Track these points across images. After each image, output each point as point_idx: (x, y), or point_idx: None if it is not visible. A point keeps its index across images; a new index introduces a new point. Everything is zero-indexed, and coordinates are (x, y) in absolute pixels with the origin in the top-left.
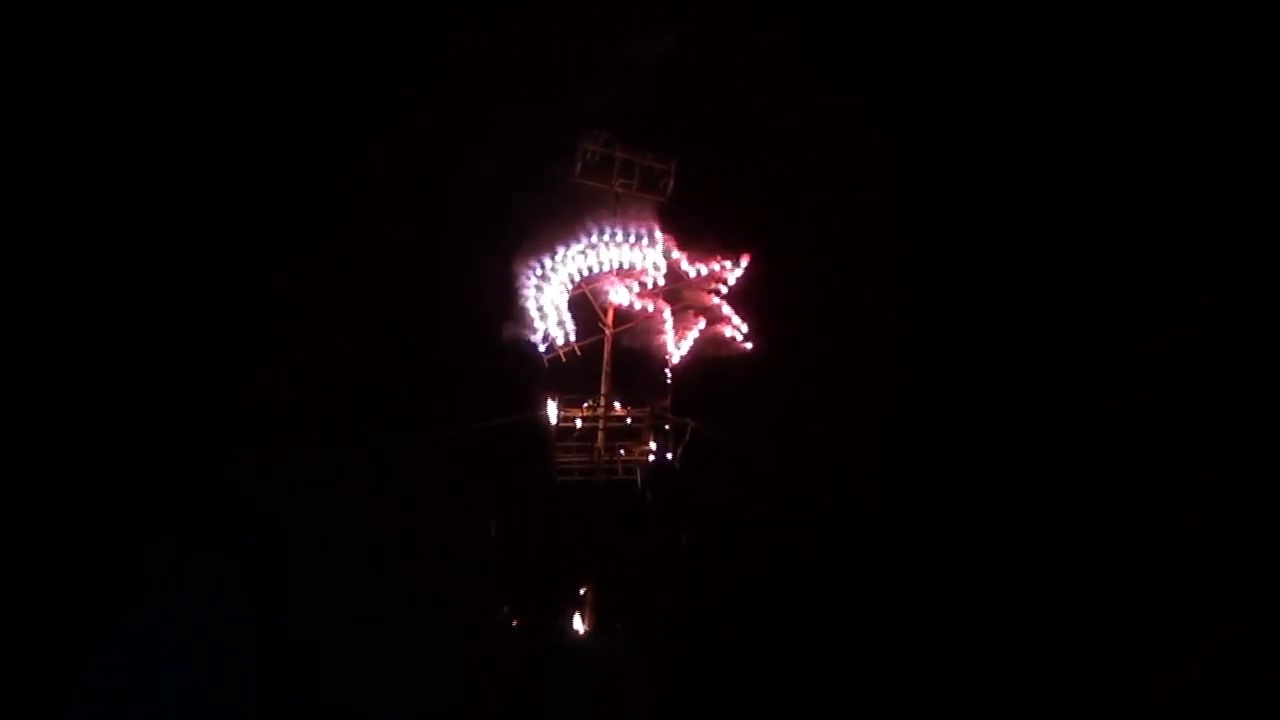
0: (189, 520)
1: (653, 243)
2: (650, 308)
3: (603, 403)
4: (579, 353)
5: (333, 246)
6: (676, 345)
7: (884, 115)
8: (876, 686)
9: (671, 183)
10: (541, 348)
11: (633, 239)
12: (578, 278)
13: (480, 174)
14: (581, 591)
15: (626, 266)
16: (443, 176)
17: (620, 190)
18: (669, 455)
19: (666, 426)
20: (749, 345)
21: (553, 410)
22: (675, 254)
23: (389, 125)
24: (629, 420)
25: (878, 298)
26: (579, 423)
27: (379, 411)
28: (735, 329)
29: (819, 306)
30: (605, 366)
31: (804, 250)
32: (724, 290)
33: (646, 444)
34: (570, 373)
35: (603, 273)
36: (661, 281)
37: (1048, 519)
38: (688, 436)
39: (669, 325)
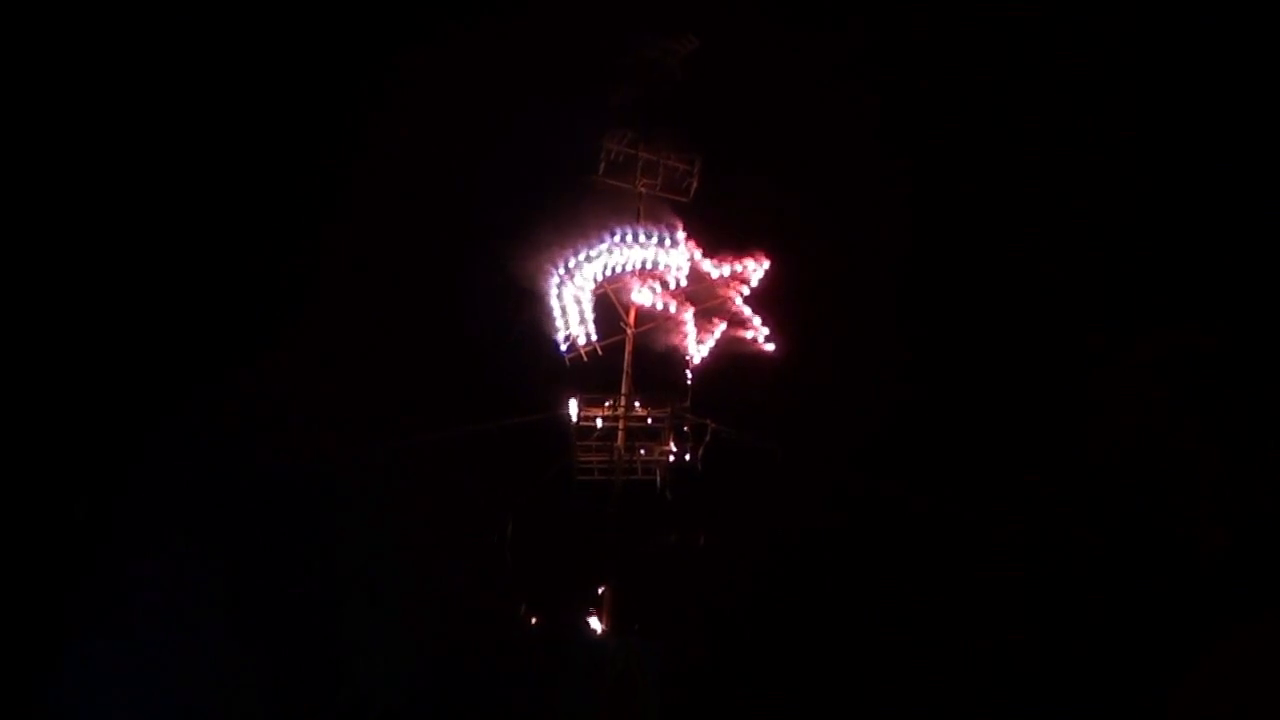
0: (189, 516)
1: (675, 243)
2: (672, 308)
3: (623, 403)
4: (600, 352)
5: (350, 243)
6: (698, 346)
7: (909, 118)
8: (891, 689)
9: (695, 183)
10: (563, 347)
11: (655, 239)
12: (600, 277)
13: (504, 173)
14: (599, 591)
15: (649, 267)
16: (466, 175)
17: (644, 190)
18: (689, 456)
19: (686, 428)
20: (770, 347)
21: (573, 409)
22: (697, 254)
23: (410, 124)
24: (649, 420)
25: (899, 301)
26: (599, 422)
27: (397, 408)
28: (757, 330)
29: (840, 309)
30: (626, 367)
31: (826, 253)
32: (746, 291)
33: (667, 444)
34: (591, 372)
35: (625, 273)
36: (683, 282)
37: (1061, 525)
38: (708, 437)
39: (690, 326)
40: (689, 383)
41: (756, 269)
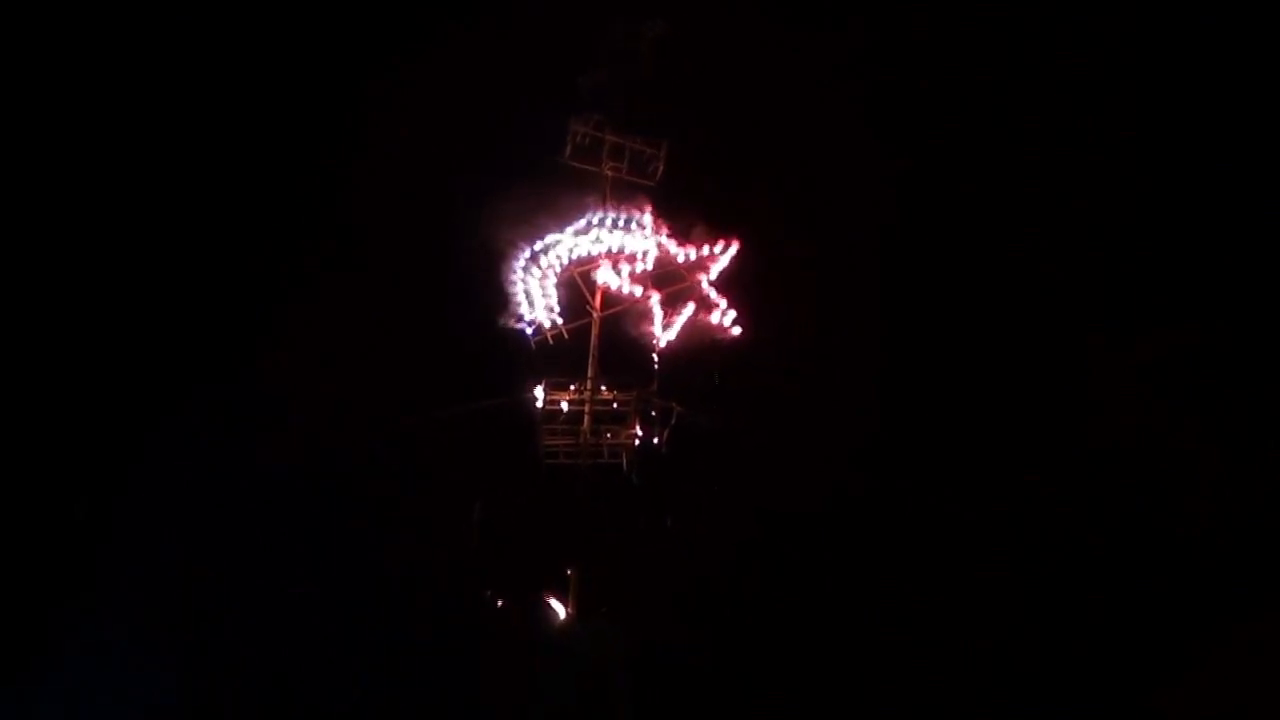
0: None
1: (642, 227)
2: (638, 292)
3: (589, 386)
4: (566, 336)
5: (316, 231)
6: (664, 330)
7: (880, 101)
8: (866, 678)
9: (661, 166)
10: (529, 331)
11: (622, 223)
12: (566, 261)
13: (469, 157)
14: (567, 574)
15: (615, 250)
16: (430, 160)
17: (610, 173)
18: (655, 439)
19: (652, 411)
20: (736, 330)
21: (539, 394)
22: (664, 238)
23: (376, 112)
24: (615, 404)
25: (868, 284)
26: (565, 406)
27: (362, 395)
28: (723, 314)
29: (808, 292)
30: (592, 351)
31: (794, 236)
32: (713, 275)
33: (633, 428)
34: (557, 356)
35: (591, 256)
36: (650, 266)
37: (1061, 525)
38: (673, 420)
39: (657, 310)
40: (655, 366)
41: (724, 252)
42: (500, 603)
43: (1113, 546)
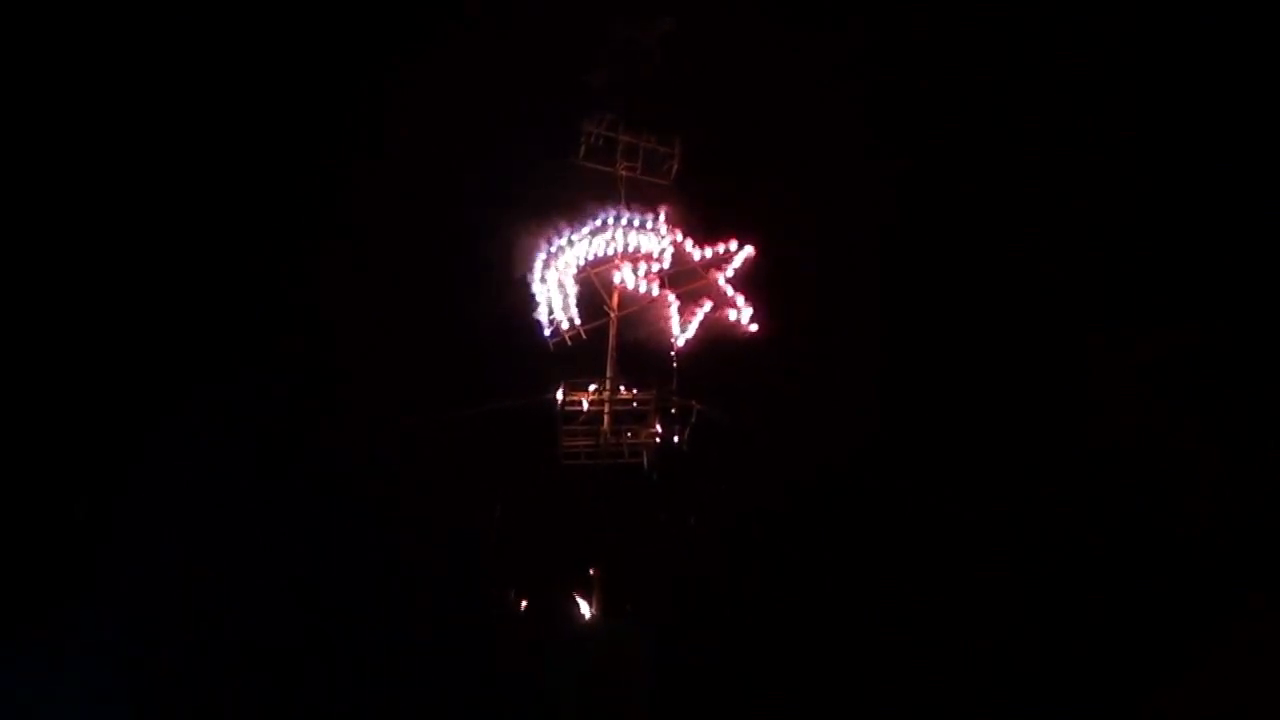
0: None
1: (657, 226)
2: (655, 291)
3: (609, 386)
4: (584, 336)
5: (322, 232)
6: (681, 328)
7: (880, 101)
8: (865, 678)
9: (676, 165)
10: (547, 331)
11: (637, 222)
12: (583, 261)
13: (484, 159)
14: (590, 573)
15: (631, 250)
16: (446, 161)
17: (625, 173)
18: (675, 438)
19: (672, 410)
20: (754, 328)
21: (559, 394)
22: (680, 237)
23: (390, 112)
24: (635, 403)
25: (867, 284)
26: (585, 405)
27: (382, 395)
28: (740, 312)
29: (807, 292)
30: (611, 350)
31: (811, 234)
32: (729, 273)
33: (653, 426)
34: (576, 356)
35: (608, 256)
36: (666, 265)
37: (1061, 525)
38: (693, 419)
39: (674, 308)
40: (673, 365)
41: (740, 250)
42: (522, 603)
43: (1113, 546)
